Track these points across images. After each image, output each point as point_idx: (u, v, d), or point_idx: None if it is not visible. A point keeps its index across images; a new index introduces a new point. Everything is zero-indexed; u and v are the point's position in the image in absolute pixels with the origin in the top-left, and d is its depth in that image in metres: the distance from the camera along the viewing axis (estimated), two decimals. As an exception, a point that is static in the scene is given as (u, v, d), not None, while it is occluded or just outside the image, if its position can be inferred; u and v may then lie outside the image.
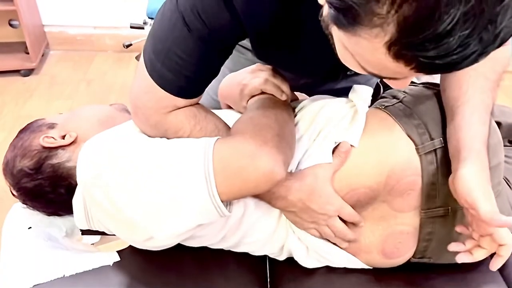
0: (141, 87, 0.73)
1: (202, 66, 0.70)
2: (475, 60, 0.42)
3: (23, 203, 0.85)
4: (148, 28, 2.34)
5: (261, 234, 0.81)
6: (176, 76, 0.70)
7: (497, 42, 0.41)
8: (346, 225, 0.78)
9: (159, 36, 0.69)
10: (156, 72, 0.70)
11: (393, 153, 0.76)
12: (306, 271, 0.85)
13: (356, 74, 0.75)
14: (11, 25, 2.69)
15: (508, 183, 0.82)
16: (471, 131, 0.69)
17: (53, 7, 2.75)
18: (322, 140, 0.78)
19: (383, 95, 0.89)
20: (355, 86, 0.85)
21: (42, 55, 2.77)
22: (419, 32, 0.39)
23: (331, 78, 0.84)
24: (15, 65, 2.60)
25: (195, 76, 0.71)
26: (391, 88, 0.90)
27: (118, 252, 0.87)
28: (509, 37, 0.42)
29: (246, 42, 1.02)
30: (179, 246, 0.84)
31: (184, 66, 0.69)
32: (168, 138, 0.75)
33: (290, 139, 0.76)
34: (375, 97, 0.91)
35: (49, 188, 0.80)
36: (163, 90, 0.71)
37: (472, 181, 0.64)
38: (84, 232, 0.96)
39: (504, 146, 0.88)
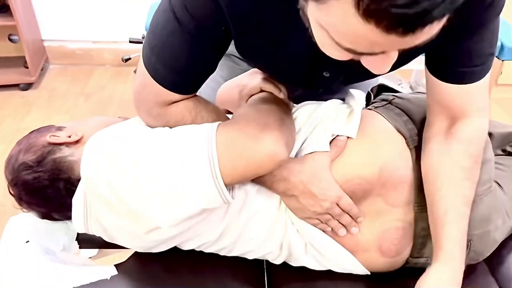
0: (140, 82, 0.76)
1: (192, 62, 0.72)
2: (446, 9, 0.41)
3: (17, 201, 0.85)
4: (146, 43, 2.36)
5: (260, 226, 0.81)
6: (169, 71, 0.72)
7: None
8: None
9: (154, 32, 0.71)
10: (152, 66, 0.73)
11: (384, 146, 0.81)
12: (304, 278, 0.85)
13: (334, 76, 0.77)
14: (10, 40, 2.71)
15: (501, 188, 0.85)
16: (444, 230, 0.72)
17: (52, 22, 2.78)
18: (320, 132, 0.81)
19: (374, 100, 0.95)
20: (351, 90, 0.90)
21: (41, 69, 2.78)
22: None
23: (308, 83, 0.84)
24: (14, 79, 2.61)
25: (187, 71, 0.73)
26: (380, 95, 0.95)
27: (116, 265, 0.87)
28: None
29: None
30: (175, 257, 0.85)
31: (177, 61, 0.71)
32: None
33: (291, 126, 0.78)
34: (367, 104, 0.95)
35: (47, 182, 0.80)
36: (159, 85, 0.73)
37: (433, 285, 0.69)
38: (82, 245, 0.97)
39: (498, 155, 0.92)
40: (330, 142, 0.80)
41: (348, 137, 0.81)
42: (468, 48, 0.69)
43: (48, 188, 0.81)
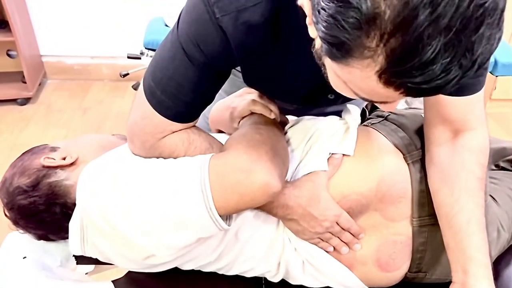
0: (139, 113, 0.76)
1: (199, 93, 0.73)
2: (457, 83, 0.45)
3: (14, 224, 0.84)
4: (144, 58, 2.38)
5: (258, 246, 0.81)
6: (174, 102, 0.73)
7: (475, 67, 0.45)
8: None
9: (160, 66, 0.72)
10: (155, 98, 0.73)
11: (382, 161, 0.81)
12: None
13: (338, 97, 0.78)
14: (9, 55, 2.73)
15: (496, 202, 0.86)
16: (473, 242, 0.70)
17: (51, 38, 2.80)
18: (317, 151, 0.81)
19: (369, 117, 0.95)
20: (348, 106, 0.90)
21: (39, 84, 2.79)
22: (406, 61, 0.43)
23: (313, 103, 0.87)
24: (12, 94, 2.62)
25: (193, 102, 0.74)
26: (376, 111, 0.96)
27: (113, 281, 0.87)
28: (486, 62, 0.46)
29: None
30: (172, 277, 0.84)
31: (183, 93, 0.72)
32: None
33: (283, 154, 0.78)
34: (362, 120, 0.96)
35: (43, 206, 0.79)
36: (160, 116, 0.74)
37: None
38: (79, 261, 0.96)
39: (491, 170, 0.93)
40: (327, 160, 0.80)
41: (345, 155, 0.81)
42: None
43: (44, 213, 0.80)
